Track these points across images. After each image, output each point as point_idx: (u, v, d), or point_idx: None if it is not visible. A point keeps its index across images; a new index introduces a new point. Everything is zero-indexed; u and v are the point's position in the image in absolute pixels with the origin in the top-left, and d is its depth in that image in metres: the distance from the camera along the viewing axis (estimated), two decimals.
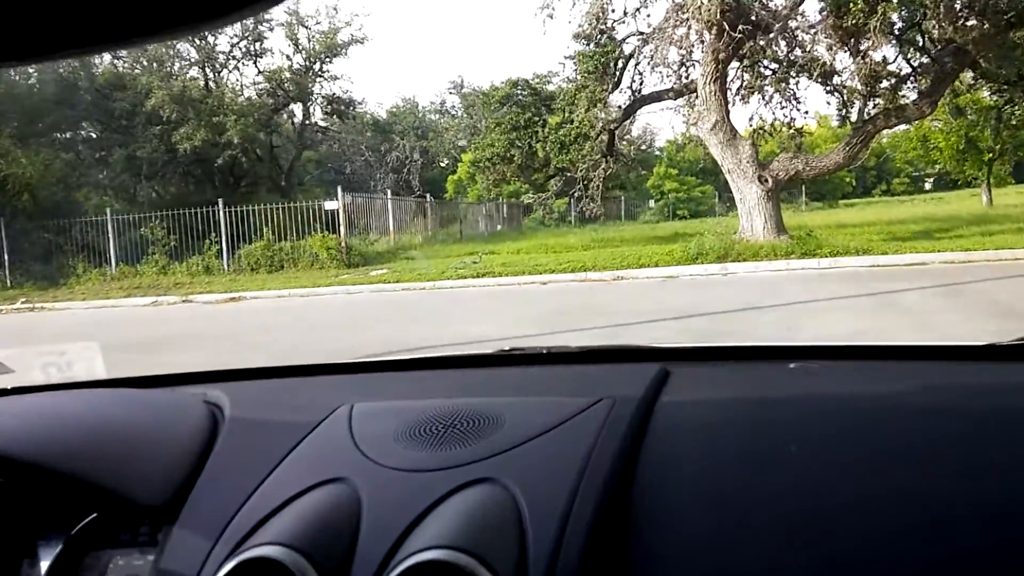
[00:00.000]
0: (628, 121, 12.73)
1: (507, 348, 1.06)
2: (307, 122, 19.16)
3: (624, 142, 14.82)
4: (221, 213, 12.10)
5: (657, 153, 28.67)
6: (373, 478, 0.72)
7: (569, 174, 12.25)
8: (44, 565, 0.80)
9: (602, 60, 10.32)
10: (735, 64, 9.74)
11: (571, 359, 1.03)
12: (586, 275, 8.71)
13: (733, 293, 6.84)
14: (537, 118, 12.33)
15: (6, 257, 12.20)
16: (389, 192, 16.09)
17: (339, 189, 12.34)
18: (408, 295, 8.60)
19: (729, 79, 9.77)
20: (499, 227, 20.46)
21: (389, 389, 0.97)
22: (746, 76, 9.87)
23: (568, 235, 15.30)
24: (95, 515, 0.79)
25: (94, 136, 16.63)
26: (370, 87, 49.35)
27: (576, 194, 12.22)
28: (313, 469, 0.74)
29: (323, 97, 18.51)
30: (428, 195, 18.55)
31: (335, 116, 19.23)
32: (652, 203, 26.69)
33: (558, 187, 13.01)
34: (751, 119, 10.65)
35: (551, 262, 9.55)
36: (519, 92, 13.35)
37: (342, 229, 11.75)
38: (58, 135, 15.68)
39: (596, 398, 0.79)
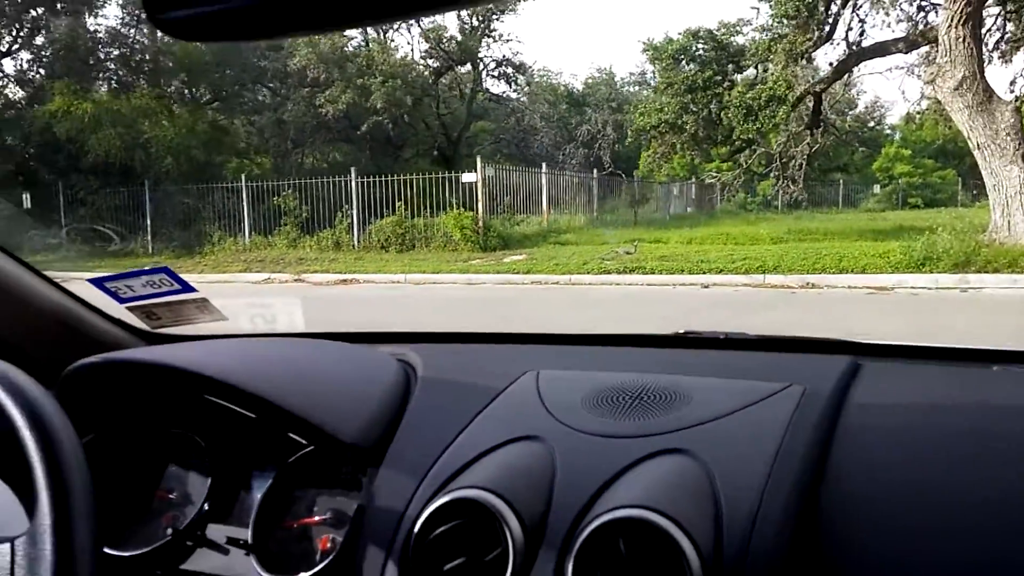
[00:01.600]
0: (843, 85, 11.45)
1: (682, 331, 1.22)
2: (477, 88, 19.76)
3: (840, 115, 13.41)
4: (353, 183, 12.80)
5: (887, 132, 26.18)
6: (565, 439, 0.88)
7: (764, 149, 11.30)
8: (258, 496, 1.02)
9: (807, 1, 9.28)
10: (994, 9, 8.26)
11: (749, 346, 1.17)
12: (764, 278, 7.93)
13: (982, 325, 5.40)
14: (720, 77, 11.47)
15: (149, 223, 13.88)
16: (590, 170, 16.08)
17: (478, 160, 12.52)
18: (530, 291, 8.50)
19: (985, 29, 8.31)
20: (688, 209, 19.89)
21: (571, 360, 1.13)
22: (1010, 26, 8.34)
23: (759, 223, 14.25)
24: (309, 448, 1.01)
25: (244, 99, 18.45)
26: (565, 57, 50.95)
27: (773, 174, 11.25)
28: (505, 427, 0.92)
29: (493, 60, 19.03)
30: (622, 174, 18.43)
31: (503, 80, 19.72)
32: (877, 188, 24.44)
33: (748, 164, 12.08)
34: (1013, 83, 9.02)
35: (722, 258, 8.90)
36: (699, 45, 12.61)
37: (480, 206, 11.95)
38: (206, 96, 17.57)
39: (785, 384, 0.92)
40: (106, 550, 1.01)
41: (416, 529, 0.81)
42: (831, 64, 10.19)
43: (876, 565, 0.74)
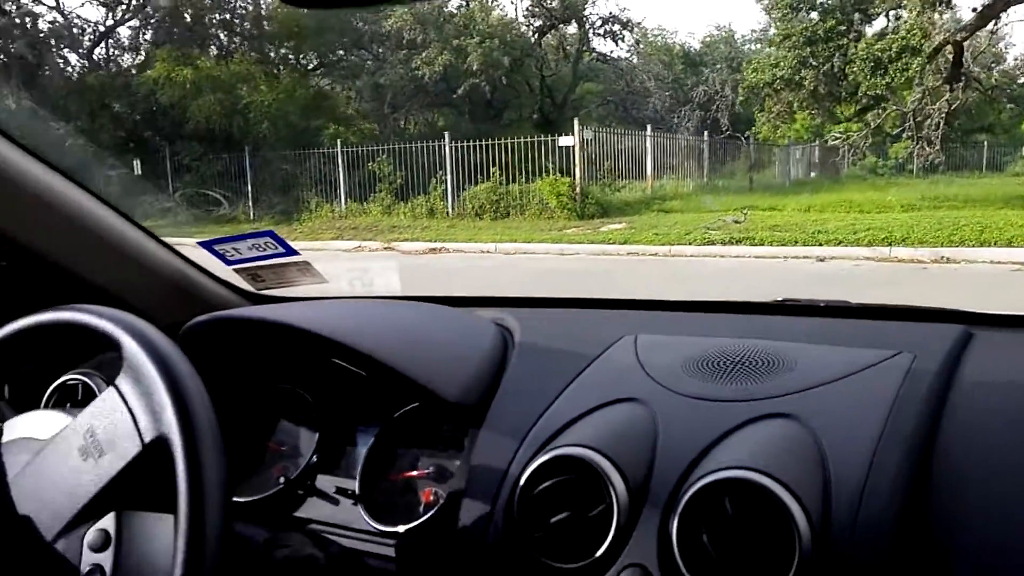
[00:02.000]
0: (988, 34, 10.58)
1: (780, 299, 1.25)
2: (583, 48, 19.58)
3: (985, 69, 12.43)
4: (447, 148, 12.98)
5: None
6: (666, 402, 0.93)
7: (897, 107, 10.65)
8: (363, 450, 1.11)
9: None
10: None
11: (851, 313, 1.18)
12: (890, 251, 7.53)
13: None
14: (844, 27, 10.83)
15: (250, 189, 14.56)
16: (701, 132, 15.69)
17: (575, 122, 12.40)
18: (624, 263, 8.38)
19: None
20: (812, 175, 19.12)
21: (667, 326, 1.18)
22: None
23: (888, 189, 13.52)
24: (413, 405, 1.09)
25: (344, 63, 18.93)
26: (681, 15, 49.94)
27: (907, 135, 10.63)
28: (605, 389, 0.98)
29: (599, 17, 18.77)
30: (741, 137, 17.95)
31: (610, 39, 19.47)
32: None
33: (878, 123, 11.43)
34: None
35: (843, 228, 8.48)
36: None
37: (577, 171, 11.86)
38: (307, 61, 18.16)
39: (893, 351, 0.94)
40: None
41: (521, 484, 0.86)
42: (974, 10, 9.43)
43: (984, 552, 0.74)
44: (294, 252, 1.30)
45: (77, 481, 0.71)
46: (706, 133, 16.99)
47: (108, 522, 0.71)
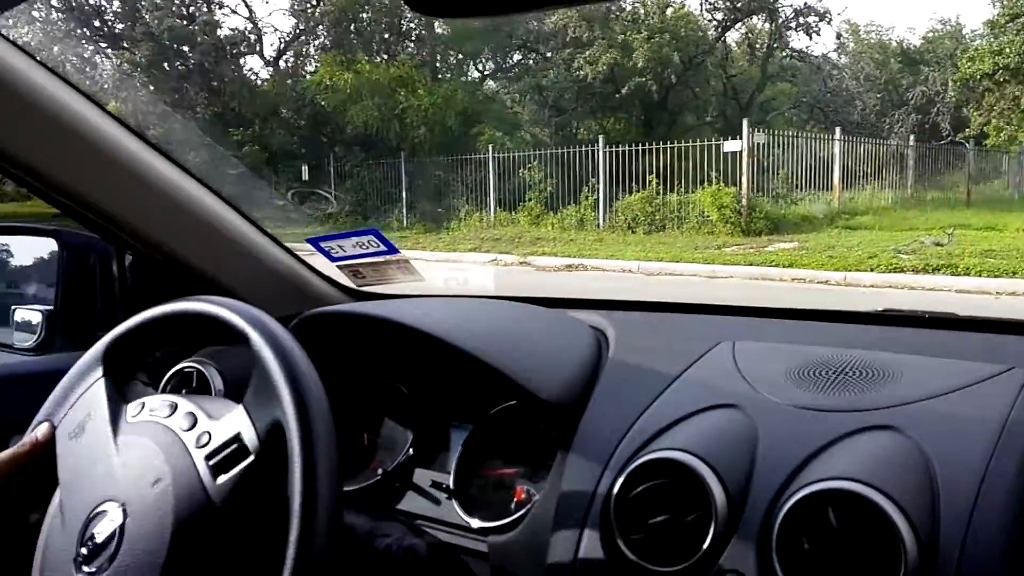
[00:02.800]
0: None
1: (880, 308, 1.29)
2: (774, 44, 19.08)
3: None
4: (600, 153, 12.97)
5: None
6: (766, 410, 0.99)
7: None
8: (458, 445, 1.24)
9: None
10: None
11: (955, 325, 1.22)
12: None
13: None
14: None
15: (404, 195, 15.48)
16: (907, 137, 14.80)
17: (744, 124, 11.95)
18: (782, 292, 7.60)
19: None
20: None
21: (765, 333, 1.27)
22: None
23: None
24: (508, 404, 1.22)
25: (504, 65, 19.51)
26: (898, 10, 47.93)
27: None
28: (702, 394, 1.05)
29: (792, 9, 18.18)
30: (965, 142, 16.68)
31: (803, 32, 18.84)
32: None
33: None
34: None
35: None
36: None
37: (744, 180, 11.48)
38: (469, 63, 18.93)
39: (1006, 366, 0.98)
40: None
41: (618, 485, 0.94)
42: None
43: None
44: (395, 250, 1.50)
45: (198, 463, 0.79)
46: (911, 138, 16.03)
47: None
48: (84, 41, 17.05)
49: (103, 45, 17.13)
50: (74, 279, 1.55)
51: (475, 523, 1.15)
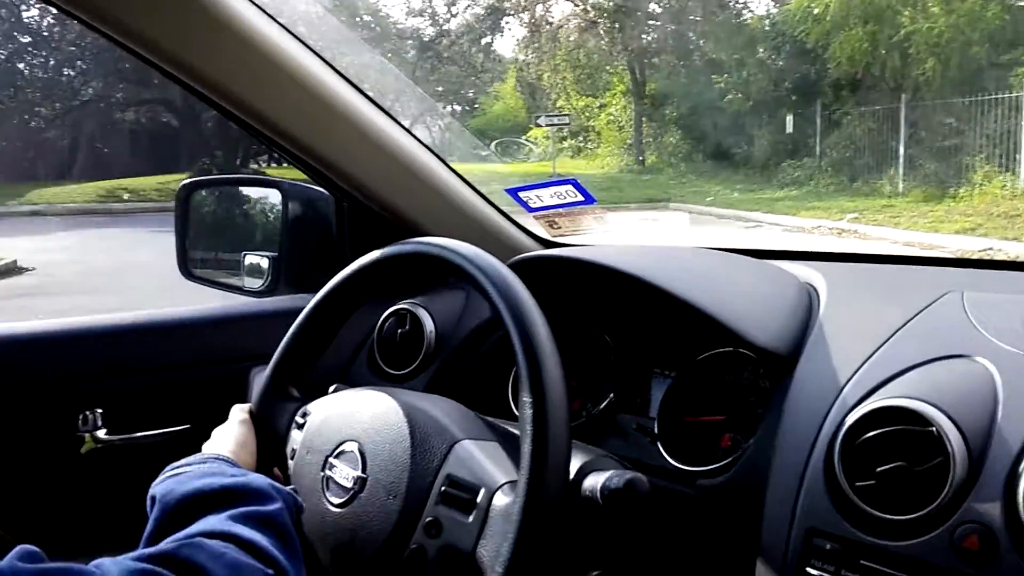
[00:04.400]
0: None
1: None
2: None
3: None
4: None
5: None
6: (1007, 360, 1.10)
7: None
8: (660, 391, 1.44)
9: None
10: None
11: None
12: None
13: None
14: None
15: (901, 151, 14.32)
16: None
17: None
18: None
19: None
20: None
21: (995, 284, 1.42)
22: None
23: None
24: (712, 351, 1.39)
25: None
26: None
27: None
28: (932, 344, 1.17)
29: None
30: None
31: None
32: None
33: None
34: None
35: None
36: None
37: None
38: None
39: None
40: None
41: (843, 432, 1.06)
42: None
43: None
44: (592, 200, 1.70)
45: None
46: None
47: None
48: None
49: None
50: (296, 227, 1.83)
51: (682, 467, 1.31)
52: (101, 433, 1.46)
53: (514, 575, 0.91)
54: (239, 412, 1.27)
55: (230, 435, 1.22)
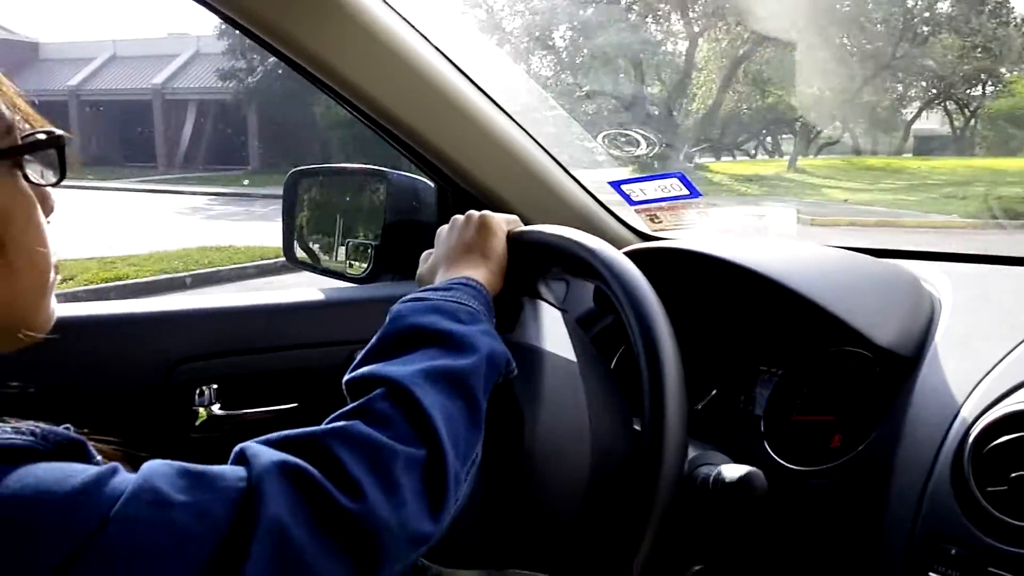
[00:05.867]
0: None
1: None
2: None
3: None
4: None
5: None
6: None
7: None
8: (767, 389, 1.41)
9: None
10: None
11: None
12: None
13: None
14: None
15: None
16: None
17: None
18: None
19: None
20: None
21: None
22: None
23: None
24: (823, 350, 1.36)
25: None
26: None
27: None
28: None
29: None
30: None
31: None
32: None
33: None
34: None
35: None
36: None
37: None
38: None
39: None
40: None
41: (972, 436, 1.07)
42: None
43: None
44: (697, 194, 1.69)
45: None
46: None
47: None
48: None
49: None
50: (399, 216, 1.87)
51: (790, 466, 1.29)
52: (216, 408, 1.52)
53: (630, 565, 0.91)
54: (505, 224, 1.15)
55: (497, 251, 1.11)
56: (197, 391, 1.51)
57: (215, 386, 1.52)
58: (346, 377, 0.87)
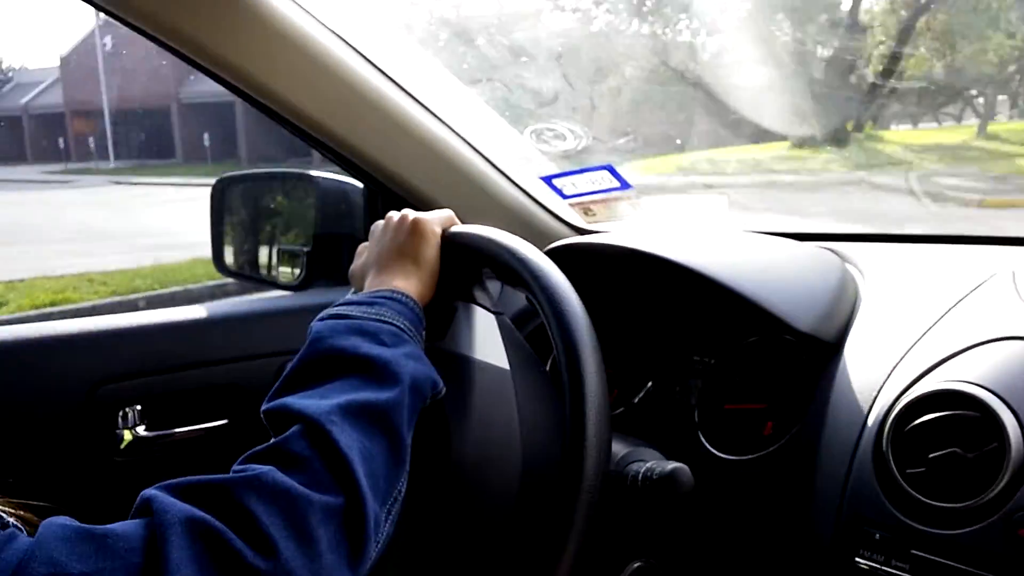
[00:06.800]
0: None
1: None
2: None
3: None
4: None
5: None
6: None
7: None
8: (698, 379, 1.41)
9: None
10: None
11: None
12: None
13: None
14: None
15: None
16: None
17: None
18: None
19: None
20: None
21: None
22: None
23: None
24: (753, 338, 1.37)
25: None
26: None
27: None
28: (983, 327, 1.14)
29: None
30: None
31: None
32: None
33: None
34: None
35: None
36: None
37: None
38: None
39: None
40: None
41: (891, 418, 1.07)
42: None
43: None
44: (628, 186, 1.67)
45: None
46: None
47: None
48: None
49: None
50: (328, 221, 1.83)
51: (723, 455, 1.29)
52: (140, 429, 1.46)
53: (555, 569, 0.89)
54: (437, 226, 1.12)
55: (428, 258, 1.08)
56: (120, 413, 1.45)
57: (139, 407, 1.46)
58: (264, 406, 0.84)
